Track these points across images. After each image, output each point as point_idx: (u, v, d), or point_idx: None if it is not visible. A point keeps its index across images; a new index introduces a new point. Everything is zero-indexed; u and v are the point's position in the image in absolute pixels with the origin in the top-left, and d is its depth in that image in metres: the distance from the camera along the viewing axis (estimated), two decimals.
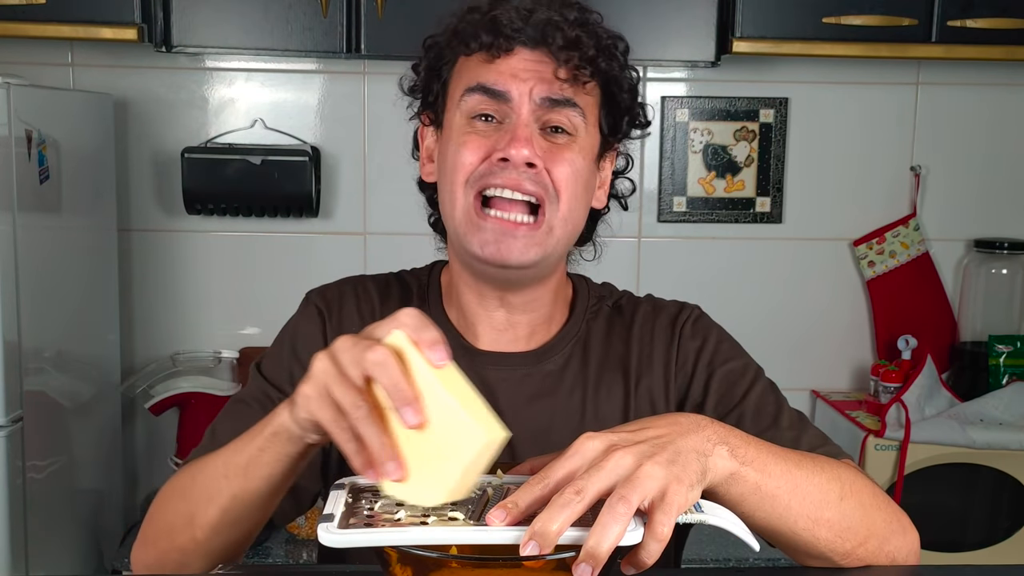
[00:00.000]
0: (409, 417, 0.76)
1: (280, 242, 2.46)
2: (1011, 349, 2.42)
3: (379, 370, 0.77)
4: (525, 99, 1.05)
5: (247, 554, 2.08)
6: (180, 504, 1.00)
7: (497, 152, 1.05)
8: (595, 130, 1.10)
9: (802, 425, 1.13)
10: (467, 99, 1.07)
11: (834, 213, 2.56)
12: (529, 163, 1.04)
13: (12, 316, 1.80)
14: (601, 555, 0.72)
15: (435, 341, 0.78)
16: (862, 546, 0.96)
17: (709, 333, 1.18)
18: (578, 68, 1.05)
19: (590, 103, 1.09)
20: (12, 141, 1.79)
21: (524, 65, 1.05)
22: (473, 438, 0.75)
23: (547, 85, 1.05)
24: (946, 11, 2.15)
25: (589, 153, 1.10)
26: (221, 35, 2.14)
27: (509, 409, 1.12)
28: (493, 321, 1.15)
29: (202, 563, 1.00)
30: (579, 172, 1.08)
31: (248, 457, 0.92)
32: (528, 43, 1.05)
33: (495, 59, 1.06)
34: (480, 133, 1.07)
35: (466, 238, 1.07)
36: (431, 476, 0.77)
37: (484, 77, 1.06)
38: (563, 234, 1.09)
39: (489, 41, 1.05)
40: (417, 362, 0.77)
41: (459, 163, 1.07)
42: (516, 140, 1.04)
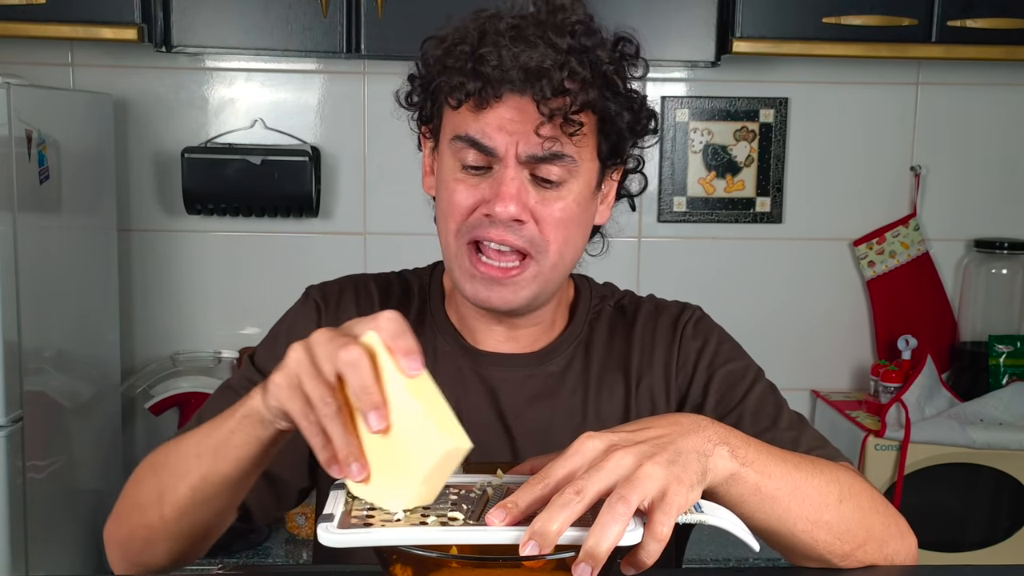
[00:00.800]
0: (373, 422, 0.76)
1: (280, 242, 2.46)
2: (1011, 349, 2.42)
3: (350, 370, 0.77)
4: (511, 154, 1.02)
5: (247, 554, 2.09)
6: (152, 480, 1.00)
7: (484, 207, 1.04)
8: (592, 164, 1.07)
9: (801, 426, 1.13)
10: (455, 145, 1.05)
11: (834, 213, 2.56)
12: (515, 219, 1.03)
13: (12, 316, 1.80)
14: (600, 555, 0.72)
15: (410, 350, 0.78)
16: (860, 548, 0.96)
17: (710, 334, 1.18)
18: (565, 119, 1.01)
19: (585, 142, 1.04)
20: (12, 141, 1.79)
21: (511, 115, 1.01)
22: (436, 446, 0.75)
23: (534, 141, 1.01)
24: (946, 11, 2.15)
25: (586, 189, 1.07)
26: (221, 35, 2.14)
27: (511, 410, 1.12)
28: (494, 333, 1.16)
29: (167, 545, 1.00)
30: (571, 218, 1.06)
31: (219, 438, 0.91)
32: (516, 88, 1.00)
33: (482, 110, 1.02)
34: (470, 182, 1.05)
35: (460, 283, 1.08)
36: (395, 481, 0.77)
37: (471, 128, 1.03)
38: (553, 275, 1.08)
39: (475, 89, 1.01)
40: (388, 366, 0.77)
41: (452, 207, 1.06)
42: (501, 197, 1.02)
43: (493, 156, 1.03)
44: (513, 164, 1.03)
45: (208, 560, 2.06)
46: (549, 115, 1.00)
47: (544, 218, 1.05)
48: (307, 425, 0.80)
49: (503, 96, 1.01)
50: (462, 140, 1.04)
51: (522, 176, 1.03)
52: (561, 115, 1.00)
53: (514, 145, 1.02)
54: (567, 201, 1.05)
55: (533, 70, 0.99)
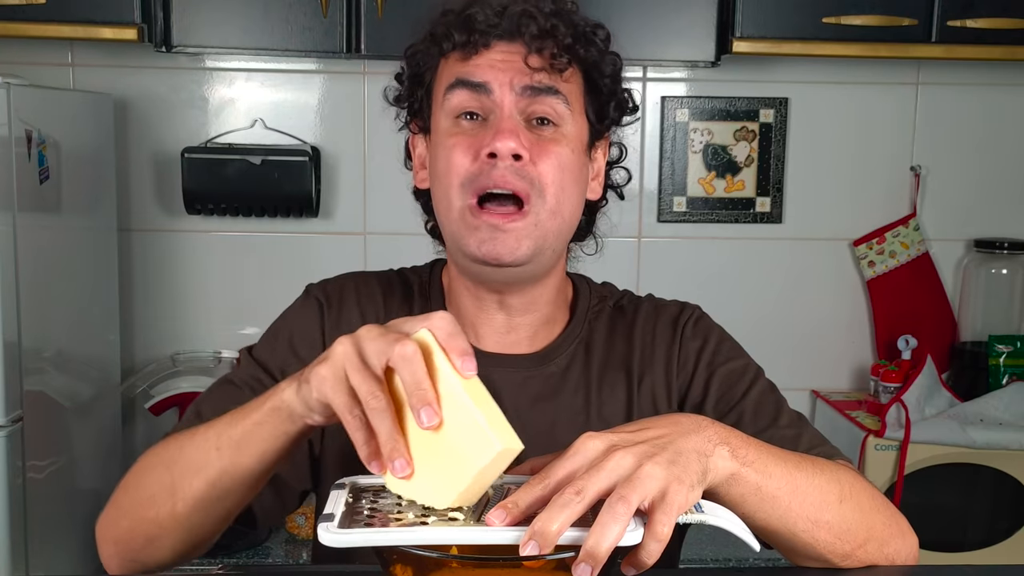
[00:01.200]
0: (426, 418, 0.76)
1: (280, 242, 2.46)
2: (1011, 349, 2.42)
3: (404, 364, 0.77)
4: (506, 90, 1.05)
5: (247, 554, 2.09)
6: (163, 474, 0.98)
7: (484, 148, 1.04)
8: (582, 119, 1.10)
9: (801, 425, 1.13)
10: (449, 97, 1.07)
11: (834, 213, 2.56)
12: (515, 155, 1.04)
13: (12, 316, 1.80)
14: (600, 555, 0.72)
15: (466, 351, 0.78)
16: (861, 548, 0.96)
17: (710, 333, 1.18)
18: (555, 56, 1.05)
19: (573, 91, 1.08)
20: (12, 141, 1.79)
21: (501, 57, 1.06)
22: (489, 445, 0.75)
23: (526, 74, 1.05)
24: (946, 11, 2.15)
25: (577, 143, 1.09)
26: (221, 35, 2.14)
27: (513, 410, 1.12)
28: (494, 324, 1.15)
29: (175, 540, 0.98)
30: (566, 164, 1.07)
31: (243, 431, 0.90)
32: (504, 36, 1.06)
33: (472, 55, 1.06)
34: (467, 133, 1.06)
35: (463, 239, 1.07)
36: (441, 478, 0.77)
37: (463, 72, 1.06)
38: (554, 226, 1.07)
39: (464, 39, 1.06)
40: (442, 364, 0.77)
41: (451, 166, 1.06)
42: (501, 133, 1.04)
43: (488, 94, 1.05)
44: (509, 102, 1.05)
45: (208, 560, 2.06)
46: (539, 49, 1.05)
47: (541, 158, 1.05)
48: (351, 419, 0.79)
49: (491, 44, 1.06)
50: (455, 86, 1.07)
51: (518, 118, 1.05)
52: (549, 52, 1.05)
53: (508, 81, 1.05)
54: (562, 145, 1.07)
55: (520, 14, 1.05)
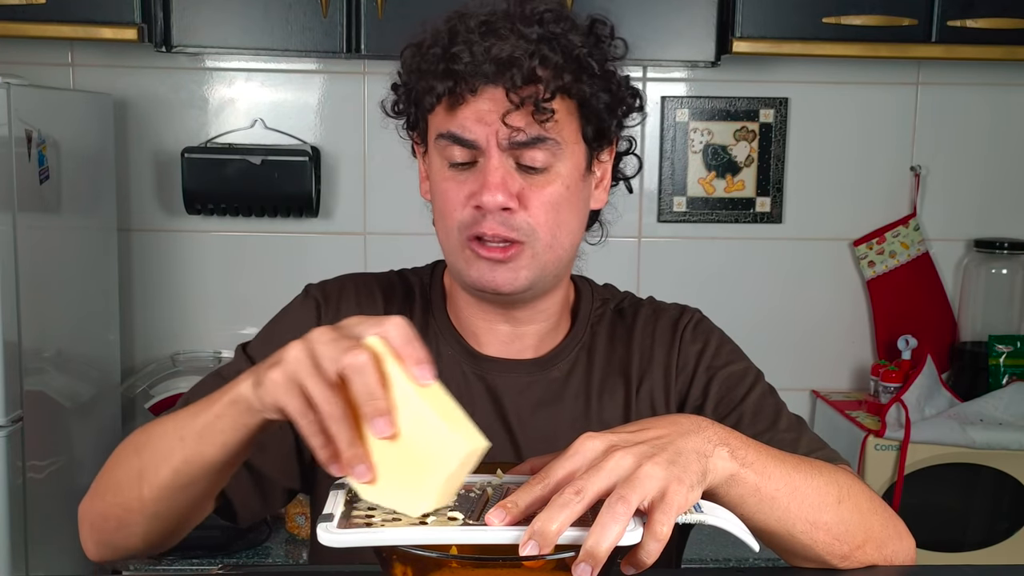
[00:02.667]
0: (380, 428, 0.75)
1: (280, 242, 2.46)
2: (1011, 349, 2.42)
3: (356, 375, 0.76)
4: (492, 141, 1.03)
5: (247, 554, 2.09)
6: (133, 460, 0.98)
7: (473, 199, 1.04)
8: (578, 147, 1.08)
9: (800, 429, 1.13)
10: (439, 145, 1.06)
11: (834, 213, 2.56)
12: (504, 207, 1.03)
13: (12, 316, 1.80)
14: (600, 555, 0.72)
15: (421, 359, 0.77)
16: (859, 550, 0.96)
17: (710, 336, 1.18)
18: (536, 107, 1.01)
19: (566, 122, 1.05)
20: (12, 141, 1.79)
21: (488, 106, 1.02)
22: (454, 449, 0.75)
23: (511, 129, 1.02)
24: (946, 11, 2.15)
25: (574, 172, 1.07)
26: (221, 35, 2.14)
27: (515, 415, 1.12)
28: (498, 335, 1.15)
29: (143, 526, 0.99)
30: (560, 203, 1.06)
31: (204, 422, 0.90)
32: (489, 80, 1.01)
33: (459, 105, 1.03)
34: (458, 179, 1.06)
35: (463, 272, 1.08)
36: (412, 485, 0.77)
37: (451, 125, 1.04)
38: (552, 258, 1.08)
39: (447, 88, 1.02)
40: (395, 370, 0.77)
41: (445, 209, 1.07)
42: (487, 187, 1.03)
43: (475, 149, 1.04)
44: (496, 153, 1.03)
45: (208, 560, 2.06)
46: (520, 103, 1.01)
47: (532, 203, 1.05)
48: (307, 424, 0.78)
49: (478, 90, 1.02)
50: (444, 138, 1.05)
51: (507, 164, 1.04)
52: (532, 103, 1.01)
53: (494, 135, 1.03)
54: (555, 185, 1.05)
55: (504, 60, 1.01)
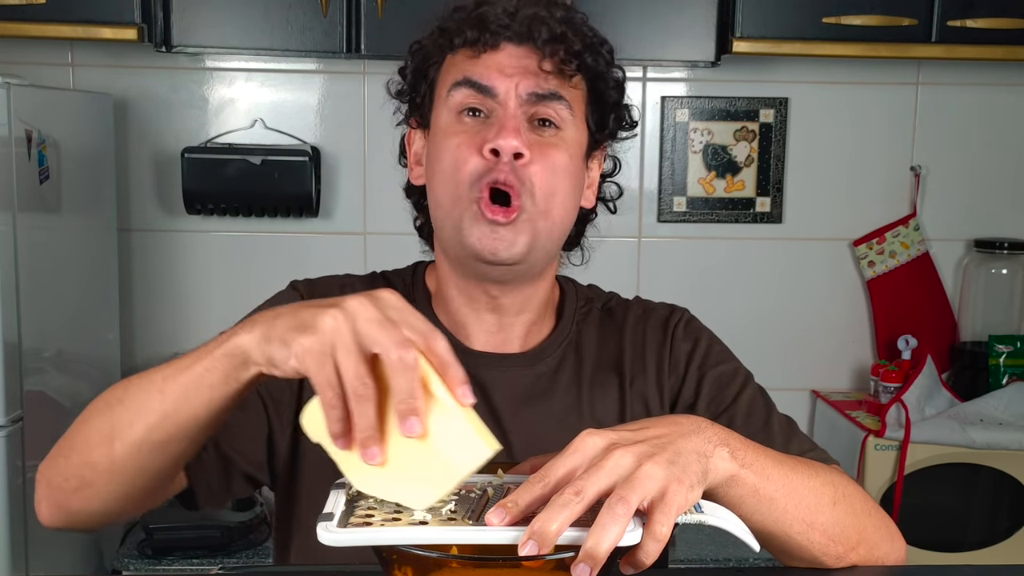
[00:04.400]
0: (410, 427, 0.75)
1: (280, 242, 2.46)
2: (1011, 349, 2.42)
3: (402, 371, 0.75)
4: (512, 94, 1.05)
5: (247, 554, 2.09)
6: (105, 415, 0.94)
7: (487, 144, 1.04)
8: (582, 125, 1.11)
9: (791, 429, 1.13)
10: (454, 94, 1.07)
11: (834, 213, 2.56)
12: (517, 153, 1.04)
13: (12, 316, 1.80)
14: (600, 555, 0.72)
15: (464, 380, 0.77)
16: (853, 551, 0.97)
17: (700, 336, 1.18)
18: (563, 62, 1.06)
19: (577, 97, 1.09)
20: (12, 141, 1.79)
21: (510, 60, 1.06)
22: (479, 452, 0.76)
23: (533, 79, 1.05)
24: (946, 11, 2.15)
25: (576, 148, 1.10)
26: (221, 35, 2.14)
27: (505, 410, 1.12)
28: (485, 324, 1.14)
29: (107, 487, 0.94)
30: (561, 168, 1.07)
31: (192, 376, 0.86)
32: (514, 39, 1.06)
33: (481, 54, 1.06)
34: (468, 130, 1.07)
35: (465, 233, 1.06)
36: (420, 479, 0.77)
37: (470, 71, 1.07)
38: (544, 227, 1.07)
39: (475, 37, 1.06)
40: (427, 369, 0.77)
41: (456, 161, 1.06)
42: (504, 131, 1.04)
43: (492, 97, 1.06)
44: (514, 103, 1.05)
45: (208, 560, 2.06)
46: (550, 54, 1.05)
47: (537, 159, 1.05)
48: (331, 396, 0.76)
49: (500, 46, 1.06)
50: (461, 84, 1.07)
51: (521, 119, 1.06)
52: (559, 59, 1.05)
53: (514, 86, 1.06)
54: (561, 149, 1.07)
55: (532, 17, 1.05)
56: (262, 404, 1.08)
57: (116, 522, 1.01)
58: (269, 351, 0.81)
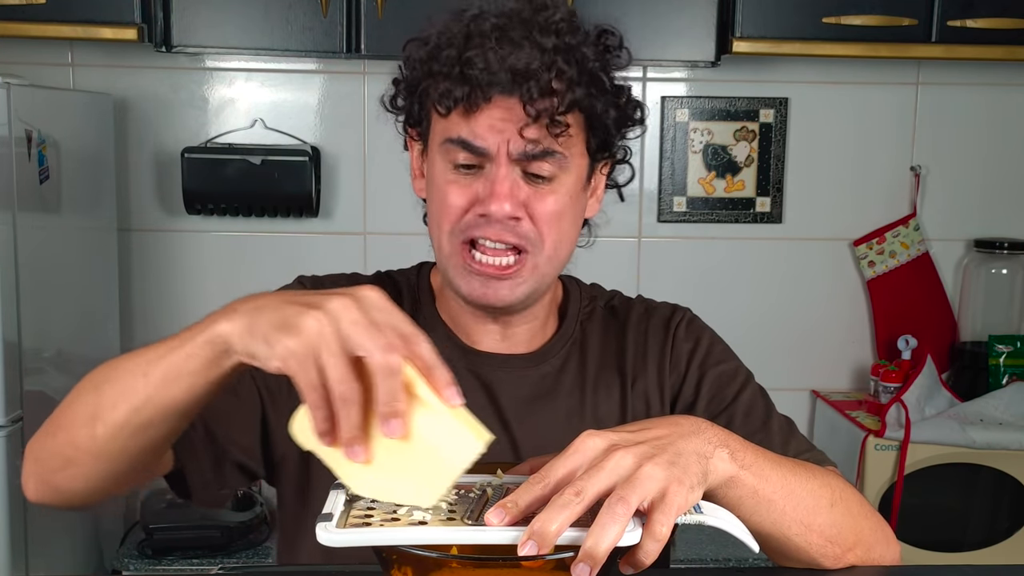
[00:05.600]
0: (393, 429, 0.74)
1: (280, 242, 2.46)
2: (1011, 349, 2.42)
3: (386, 375, 0.75)
4: (503, 152, 1.03)
5: (247, 554, 2.09)
6: (90, 396, 0.94)
7: (478, 206, 1.04)
8: (582, 159, 1.08)
9: (790, 430, 1.14)
10: (446, 148, 1.06)
11: (834, 213, 2.56)
12: (511, 217, 1.04)
13: (12, 316, 1.80)
14: (599, 555, 0.72)
15: (450, 381, 0.77)
16: (850, 552, 0.97)
17: (702, 335, 1.19)
18: (551, 121, 1.02)
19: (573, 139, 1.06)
20: (12, 141, 1.79)
21: (501, 115, 1.02)
22: (468, 448, 0.76)
23: (523, 141, 1.02)
24: (946, 11, 2.15)
25: (576, 183, 1.08)
26: (221, 35, 2.14)
27: (510, 410, 1.12)
28: (489, 332, 1.15)
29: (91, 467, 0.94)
30: (564, 212, 1.07)
31: (173, 362, 0.86)
32: (504, 90, 1.01)
33: (472, 112, 1.03)
34: (462, 183, 1.06)
35: (455, 281, 1.08)
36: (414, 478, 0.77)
37: (463, 131, 1.04)
38: (549, 269, 1.09)
39: (464, 95, 1.02)
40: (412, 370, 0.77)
41: (444, 212, 1.06)
42: (495, 196, 1.03)
43: (485, 156, 1.04)
44: (505, 162, 1.04)
45: (208, 560, 2.06)
46: (536, 116, 1.01)
47: (538, 213, 1.05)
48: (315, 398, 0.76)
49: (492, 98, 1.02)
50: (453, 143, 1.05)
51: (514, 174, 1.04)
52: (547, 116, 1.01)
53: (505, 144, 1.03)
54: (559, 195, 1.06)
55: (520, 72, 1.00)
56: (257, 393, 1.07)
57: (102, 500, 1.01)
58: (252, 347, 0.80)
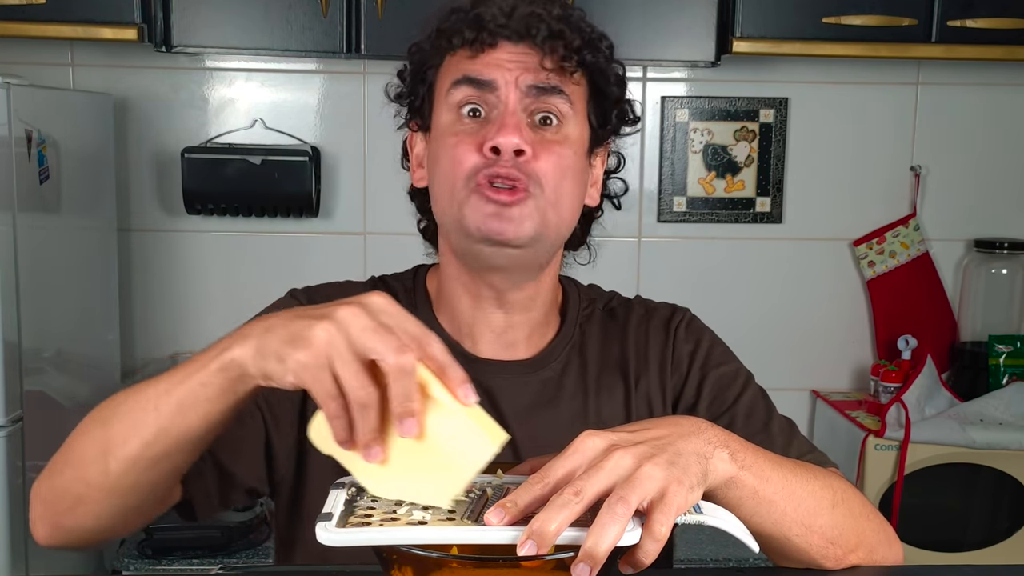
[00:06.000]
0: (408, 429, 0.75)
1: (280, 242, 2.46)
2: (1011, 349, 2.42)
3: (400, 376, 0.75)
4: (512, 87, 1.05)
5: (247, 554, 2.09)
6: (99, 432, 0.92)
7: (487, 142, 1.04)
8: (584, 121, 1.10)
9: (791, 431, 1.13)
10: (453, 93, 1.07)
11: (834, 213, 2.56)
12: (518, 151, 1.03)
13: (12, 316, 1.80)
14: (599, 555, 0.72)
15: (464, 379, 0.77)
16: (852, 553, 0.97)
17: (702, 336, 1.18)
18: (563, 59, 1.05)
19: (578, 93, 1.09)
20: (12, 141, 1.79)
21: (509, 56, 1.06)
22: (484, 448, 0.76)
23: (533, 74, 1.05)
24: (946, 11, 2.15)
25: (579, 145, 1.09)
26: (221, 35, 2.14)
27: (512, 417, 1.12)
28: (491, 324, 1.14)
29: (102, 504, 0.93)
30: (566, 163, 1.07)
31: (186, 391, 0.85)
32: (512, 37, 1.06)
33: (479, 53, 1.06)
34: (469, 130, 1.06)
35: (467, 218, 1.05)
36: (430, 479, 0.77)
37: (469, 69, 1.06)
38: (553, 217, 1.07)
39: (472, 36, 1.06)
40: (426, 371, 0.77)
41: (455, 161, 1.06)
42: (505, 128, 1.03)
43: (493, 92, 1.05)
44: (514, 98, 1.05)
45: (208, 560, 2.06)
46: (550, 51, 1.05)
47: (542, 155, 1.05)
48: (333, 407, 0.76)
49: (498, 44, 1.06)
50: (461, 82, 1.06)
51: (521, 116, 1.06)
52: (559, 56, 1.05)
53: (513, 80, 1.05)
54: (564, 145, 1.07)
55: (529, 15, 1.05)
56: (261, 418, 1.07)
57: (112, 539, 1.00)
58: (265, 367, 0.80)
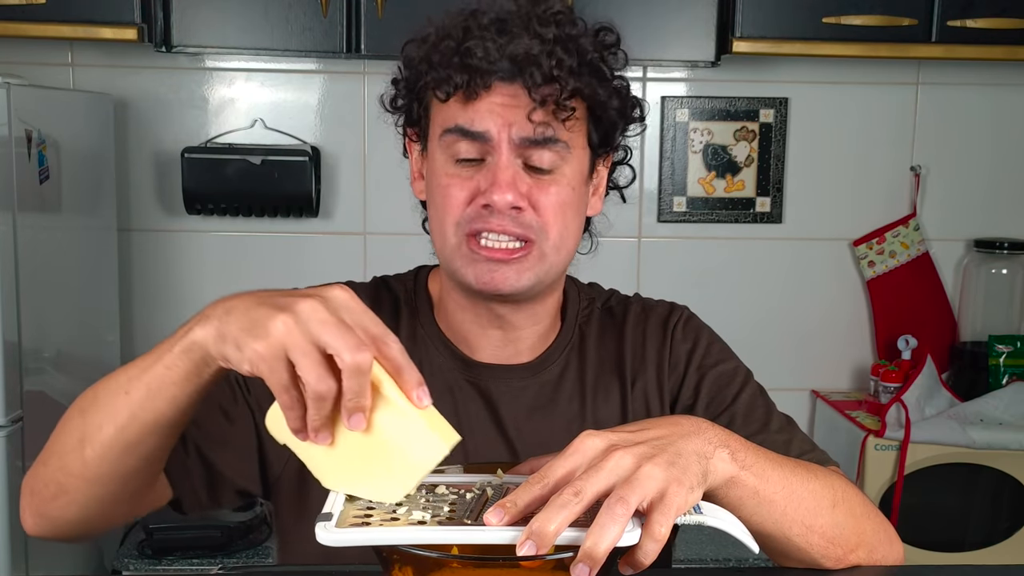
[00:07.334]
0: (356, 423, 0.76)
1: (280, 242, 2.46)
2: (1011, 349, 2.42)
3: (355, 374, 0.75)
4: (504, 139, 1.02)
5: (247, 554, 2.09)
6: (77, 421, 0.93)
7: (480, 197, 1.03)
8: (583, 152, 1.08)
9: (791, 430, 1.13)
10: (446, 139, 1.04)
11: (834, 213, 2.56)
12: (514, 206, 1.03)
13: (12, 316, 1.80)
14: (599, 555, 0.72)
15: (419, 382, 0.78)
16: (852, 553, 0.97)
17: (700, 335, 1.18)
18: (557, 105, 1.01)
19: (576, 126, 1.05)
20: (12, 141, 1.79)
21: (502, 100, 1.02)
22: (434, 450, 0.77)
23: (525, 126, 1.01)
24: (946, 11, 2.15)
25: (578, 175, 1.07)
26: (221, 35, 2.14)
27: (511, 420, 1.12)
28: (490, 338, 1.14)
29: (82, 493, 0.94)
30: (567, 203, 1.06)
31: (153, 375, 0.87)
32: (505, 77, 1.01)
33: (472, 100, 1.02)
34: (463, 176, 1.04)
35: (461, 271, 1.06)
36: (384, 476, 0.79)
37: (462, 118, 1.03)
38: (556, 259, 1.07)
39: (464, 81, 1.01)
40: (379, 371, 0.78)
41: (447, 207, 1.05)
42: (498, 185, 1.02)
43: (486, 142, 1.03)
44: (507, 150, 1.02)
45: (208, 560, 2.06)
46: (541, 101, 1.01)
47: (541, 204, 1.04)
48: (287, 399, 0.78)
49: (492, 86, 1.02)
50: (452, 132, 1.04)
51: (516, 164, 1.03)
52: (553, 100, 1.01)
53: (507, 129, 1.02)
54: (562, 186, 1.05)
55: (522, 57, 1.00)
56: (251, 416, 1.07)
57: (98, 531, 1.00)
58: (224, 351, 0.82)
